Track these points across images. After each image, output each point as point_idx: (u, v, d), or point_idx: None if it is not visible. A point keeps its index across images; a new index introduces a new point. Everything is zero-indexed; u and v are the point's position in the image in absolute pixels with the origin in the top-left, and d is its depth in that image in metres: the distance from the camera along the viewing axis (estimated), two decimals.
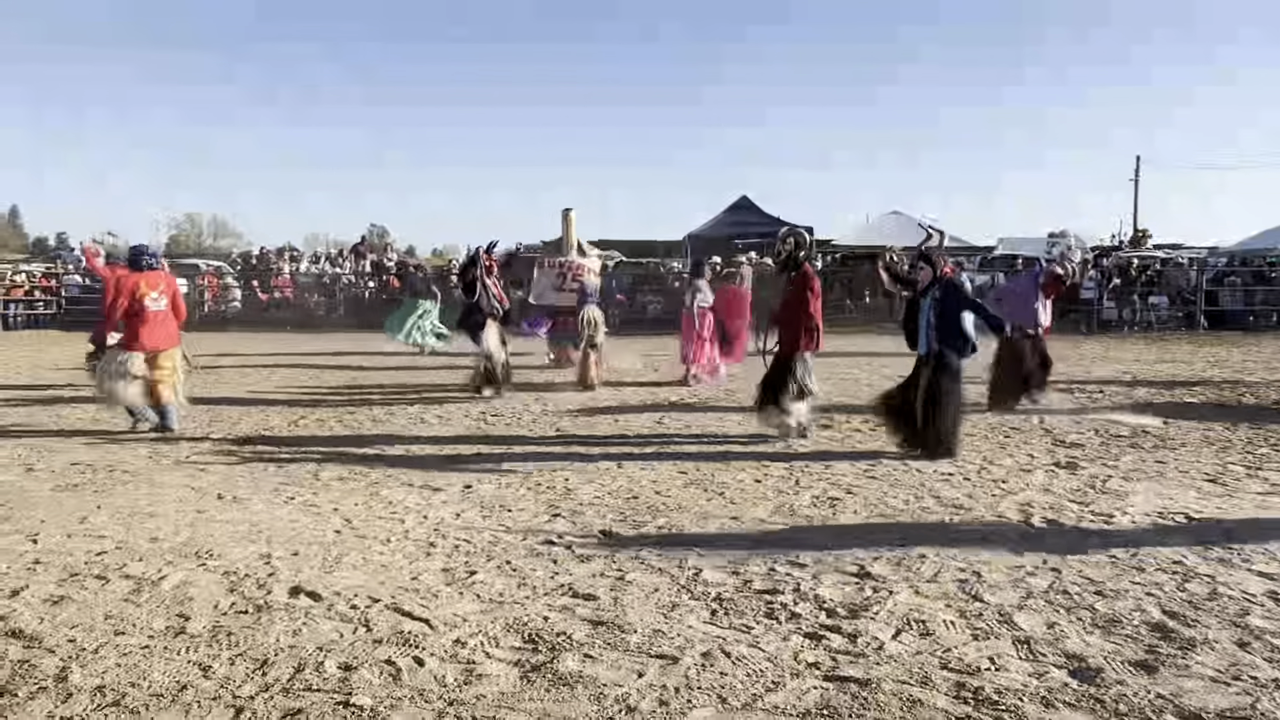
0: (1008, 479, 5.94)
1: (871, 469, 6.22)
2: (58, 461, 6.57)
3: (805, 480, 5.90)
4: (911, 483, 5.83)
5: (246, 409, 9.12)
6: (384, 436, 7.60)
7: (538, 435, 7.66)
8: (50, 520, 5.00)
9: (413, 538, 4.66)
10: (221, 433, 7.77)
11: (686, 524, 4.90)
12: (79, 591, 3.87)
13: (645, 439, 7.43)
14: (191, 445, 7.17)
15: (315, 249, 36.98)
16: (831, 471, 6.15)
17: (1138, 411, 8.66)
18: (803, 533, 4.73)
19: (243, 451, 6.93)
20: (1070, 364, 13.01)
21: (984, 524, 4.89)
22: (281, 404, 9.52)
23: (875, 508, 5.22)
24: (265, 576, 4.05)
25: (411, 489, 5.72)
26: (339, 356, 14.74)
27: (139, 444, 7.20)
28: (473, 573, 4.11)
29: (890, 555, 4.31)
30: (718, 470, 6.19)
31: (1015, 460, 6.50)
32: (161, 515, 5.10)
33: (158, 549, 4.46)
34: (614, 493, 5.61)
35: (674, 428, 7.97)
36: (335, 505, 5.31)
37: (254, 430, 7.90)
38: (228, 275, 25.29)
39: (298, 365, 13.46)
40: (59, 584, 3.96)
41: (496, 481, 5.91)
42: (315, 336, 18.90)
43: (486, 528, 4.85)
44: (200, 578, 4.04)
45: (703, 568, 4.15)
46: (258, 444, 7.25)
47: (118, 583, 3.97)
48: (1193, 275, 19.95)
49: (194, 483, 5.89)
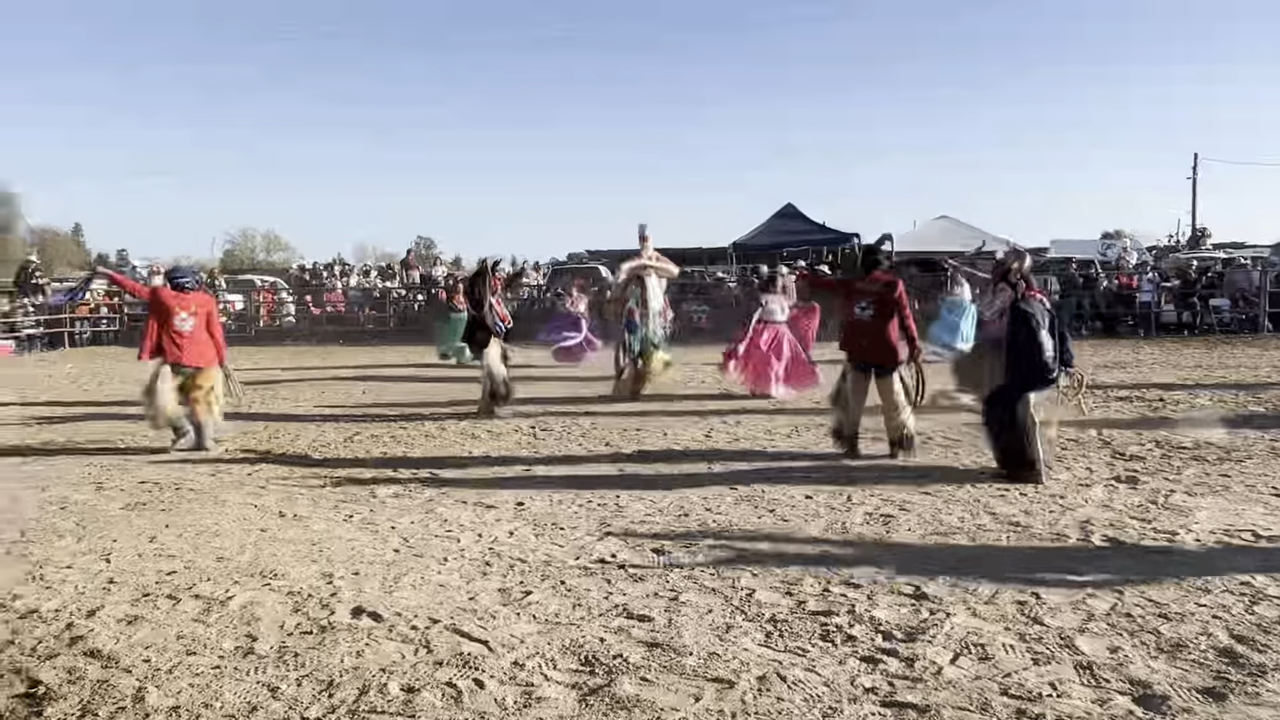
0: (1066, 494, 5.84)
1: (925, 484, 6.16)
2: (126, 480, 6.80)
3: (857, 496, 5.88)
4: (967, 499, 5.77)
5: (303, 425, 9.34)
6: (436, 452, 7.75)
7: (587, 451, 7.73)
8: (122, 539, 5.19)
9: (469, 557, 4.75)
10: (280, 449, 7.98)
11: (738, 542, 4.91)
12: (152, 611, 4.01)
13: (694, 454, 7.45)
14: (252, 463, 7.37)
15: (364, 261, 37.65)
16: (884, 487, 6.11)
17: (1201, 421, 8.46)
18: (856, 551, 4.71)
19: (301, 469, 7.10)
20: (1128, 370, 12.74)
21: (1042, 542, 4.83)
22: (336, 419, 9.73)
23: (930, 525, 5.18)
24: (328, 596, 4.16)
25: (465, 506, 5.82)
26: (389, 369, 15.01)
27: (201, 462, 7.42)
28: (528, 593, 4.18)
29: (946, 575, 4.28)
30: (768, 487, 6.19)
31: (1073, 474, 6.40)
32: (226, 534, 5.26)
33: (224, 569, 4.60)
34: (665, 510, 5.64)
35: (722, 442, 7.98)
36: (393, 523, 5.43)
37: (311, 447, 8.09)
38: (282, 290, 25.91)
39: (351, 379, 13.74)
40: (133, 604, 4.12)
41: (548, 499, 5.98)
42: (366, 350, 19.26)
43: (540, 546, 4.92)
44: (266, 598, 4.16)
45: (756, 588, 4.17)
46: (315, 461, 7.43)
47: (188, 602, 4.11)
48: (1255, 276, 19.36)
49: (256, 501, 6.06)
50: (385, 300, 24.03)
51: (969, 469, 6.65)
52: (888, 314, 6.99)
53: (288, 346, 20.65)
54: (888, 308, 7.00)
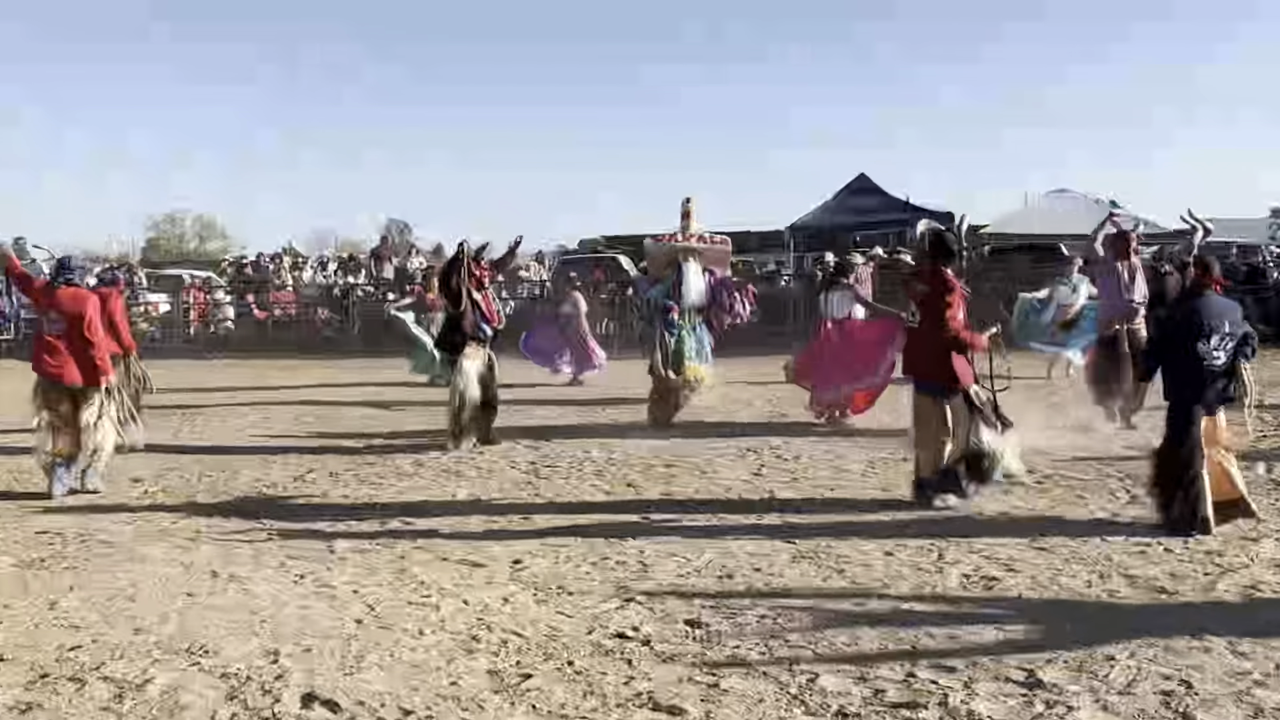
0: (1225, 550, 5.77)
1: (1040, 538, 6.11)
2: (20, 530, 6.89)
3: (952, 554, 5.83)
4: (1094, 556, 5.72)
5: (243, 459, 9.42)
6: (411, 495, 7.79)
7: (603, 493, 7.74)
8: (14, 605, 5.24)
9: (450, 629, 4.76)
10: (213, 492, 8.05)
11: (797, 612, 4.89)
12: (50, 698, 4.05)
13: (741, 499, 7.44)
14: (179, 509, 7.45)
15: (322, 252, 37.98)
16: (986, 541, 6.07)
17: None
18: (950, 625, 4.67)
19: (240, 516, 7.16)
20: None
21: (1194, 613, 4.76)
22: (285, 452, 9.81)
23: (1046, 590, 5.14)
24: (272, 680, 4.18)
25: (447, 564, 5.84)
26: (353, 389, 15.11)
27: (115, 509, 7.49)
28: (526, 676, 4.18)
29: (1068, 656, 4.23)
30: (836, 540, 6.15)
31: (1235, 525, 6.32)
32: (145, 599, 5.31)
33: (142, 643, 4.64)
34: (702, 570, 5.63)
35: (777, 482, 7.96)
36: (355, 586, 5.46)
37: (252, 488, 8.16)
38: (218, 288, 26.23)
39: (304, 401, 13.85)
40: (26, 687, 4.16)
41: (553, 555, 5.99)
42: (325, 364, 19.42)
43: (542, 616, 4.92)
44: (193, 680, 4.19)
45: (820, 672, 4.14)
46: (257, 506, 7.49)
47: (96, 686, 4.15)
48: None
49: (183, 557, 6.12)
50: (347, 300, 24.24)
51: (1099, 518, 6.59)
52: (936, 319, 7.01)
53: (224, 359, 20.89)
54: (935, 311, 7.01)
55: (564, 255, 29.47)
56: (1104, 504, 6.95)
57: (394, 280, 24.39)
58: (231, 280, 26.71)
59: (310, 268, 27.41)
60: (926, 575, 5.44)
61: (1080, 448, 8.92)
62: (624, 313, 23.80)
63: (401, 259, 25.80)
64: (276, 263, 26.76)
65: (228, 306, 25.24)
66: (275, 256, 27.82)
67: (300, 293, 25.06)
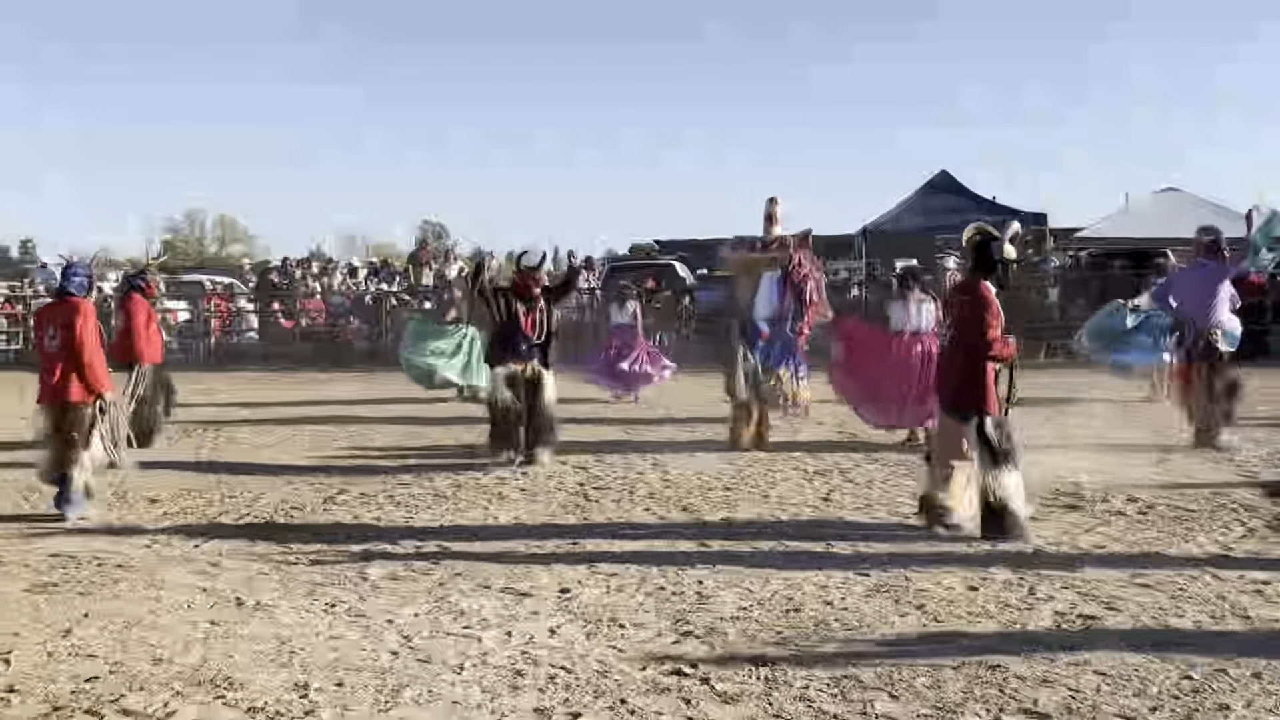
0: None
1: (1143, 573, 6.02)
2: (32, 553, 7.03)
3: (1044, 589, 5.77)
4: (1204, 595, 5.62)
5: (268, 479, 9.55)
6: (449, 518, 7.86)
7: (657, 517, 7.75)
8: (26, 633, 5.36)
9: (493, 663, 4.79)
10: (235, 514, 8.18)
11: (872, 650, 4.86)
12: None
13: (808, 524, 7.43)
14: (201, 532, 7.56)
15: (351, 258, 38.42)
16: (1082, 576, 5.99)
17: None
18: (1043, 667, 4.62)
19: (265, 540, 7.26)
20: None
21: None
22: (313, 471, 9.94)
23: (1151, 631, 5.06)
24: (301, 715, 4.23)
25: (489, 593, 5.87)
26: (387, 405, 15.25)
27: (133, 532, 7.63)
28: (575, 715, 4.19)
29: (1175, 706, 4.17)
30: (913, 572, 6.12)
31: None
32: (165, 627, 5.40)
33: (162, 674, 4.72)
34: (766, 602, 5.62)
35: (848, 508, 7.94)
36: (390, 615, 5.51)
37: (278, 510, 8.27)
38: (240, 295, 26.62)
39: (333, 418, 14.00)
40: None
41: (604, 584, 6.01)
42: (356, 377, 19.65)
43: (592, 650, 4.93)
44: (218, 715, 4.26)
45: (897, 716, 4.11)
46: (284, 530, 7.59)
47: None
48: None
49: (205, 582, 6.21)
50: (380, 309, 24.44)
51: (1210, 552, 6.49)
52: (968, 339, 6.97)
53: (248, 372, 21.19)
54: (968, 327, 6.95)
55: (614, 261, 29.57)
56: (1216, 537, 6.84)
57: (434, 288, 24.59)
58: (255, 287, 27.05)
59: (340, 273, 27.68)
60: (1016, 612, 5.39)
61: (1186, 474, 8.79)
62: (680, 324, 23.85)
63: (440, 264, 26.00)
64: (304, 268, 27.04)
65: (251, 315, 25.59)
66: (303, 262, 28.12)
67: (329, 301, 25.33)
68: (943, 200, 24.81)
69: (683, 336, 23.27)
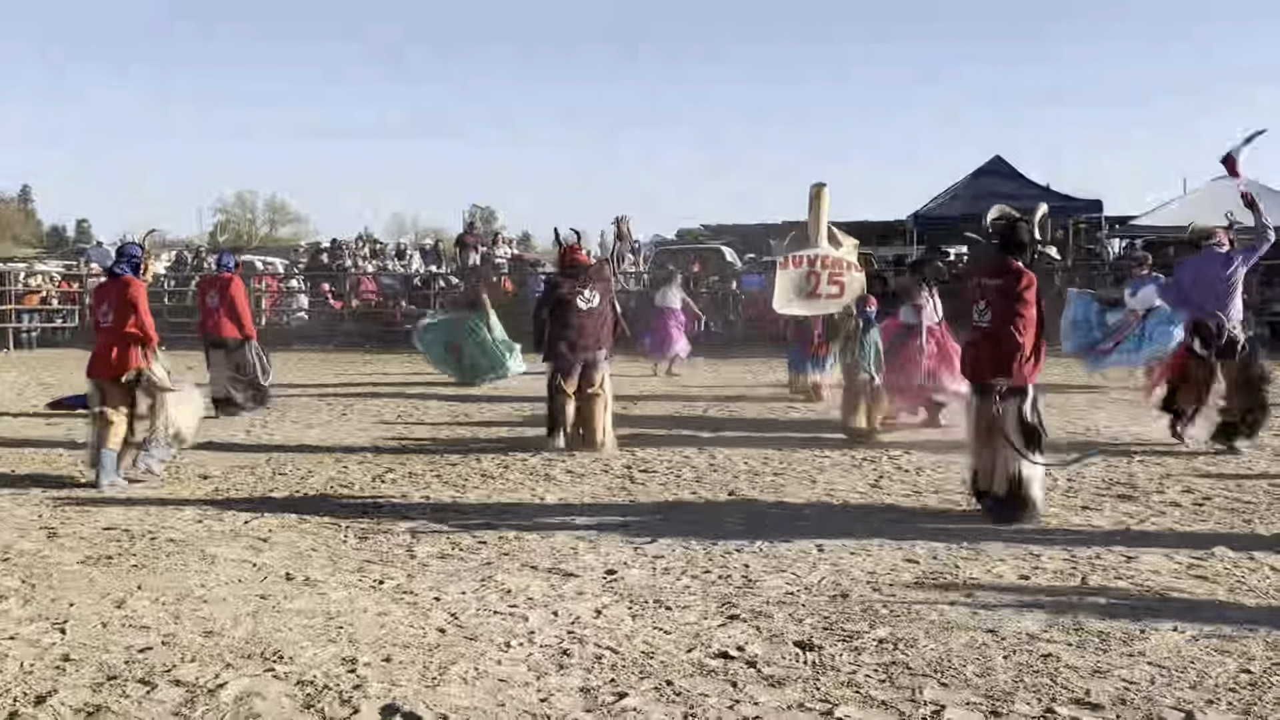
0: None
1: (1200, 565, 5.93)
2: (87, 525, 7.16)
3: (1097, 579, 5.69)
4: (1264, 588, 5.52)
5: (318, 457, 9.67)
6: (497, 497, 7.91)
7: (704, 500, 7.75)
8: (81, 604, 5.45)
9: (540, 642, 4.80)
10: (286, 491, 8.27)
11: (921, 637, 4.82)
12: (119, 700, 4.19)
13: (856, 510, 7.40)
14: (251, 508, 7.66)
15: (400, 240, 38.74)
16: (1136, 567, 5.91)
17: None
18: (1095, 657, 4.56)
19: (315, 516, 7.34)
20: None
21: None
22: (362, 451, 10.05)
23: (1207, 623, 4.96)
24: (350, 689, 4.27)
25: (536, 573, 5.90)
26: (435, 385, 15.39)
27: (185, 504, 7.74)
28: (621, 695, 4.19)
29: (1232, 699, 4.09)
30: (965, 559, 6.08)
31: None
32: (216, 600, 5.47)
33: (214, 646, 4.78)
34: (813, 588, 5.59)
35: (898, 492, 7.89)
36: (437, 593, 5.54)
37: (328, 488, 8.36)
38: (291, 277, 26.90)
39: (382, 397, 14.13)
40: (94, 689, 4.31)
41: (650, 566, 6.01)
42: (404, 358, 19.79)
43: (638, 632, 4.93)
44: (268, 687, 4.30)
45: (946, 703, 4.07)
46: (333, 507, 7.67)
47: (166, 690, 4.29)
48: None
49: (255, 557, 6.29)
50: (429, 290, 24.62)
51: (1270, 545, 6.35)
52: (1009, 318, 6.89)
53: (298, 352, 21.41)
54: (1009, 309, 6.88)
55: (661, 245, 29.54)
56: (1275, 529, 6.71)
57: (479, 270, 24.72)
58: (306, 268, 27.31)
59: (389, 256, 27.89)
60: (1068, 601, 5.31)
61: (1245, 466, 8.66)
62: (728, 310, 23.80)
63: (488, 247, 26.12)
64: (354, 249, 27.28)
65: (301, 296, 25.85)
66: (355, 243, 28.37)
67: (379, 282, 25.52)
68: (996, 184, 24.44)
69: (730, 323, 23.24)
